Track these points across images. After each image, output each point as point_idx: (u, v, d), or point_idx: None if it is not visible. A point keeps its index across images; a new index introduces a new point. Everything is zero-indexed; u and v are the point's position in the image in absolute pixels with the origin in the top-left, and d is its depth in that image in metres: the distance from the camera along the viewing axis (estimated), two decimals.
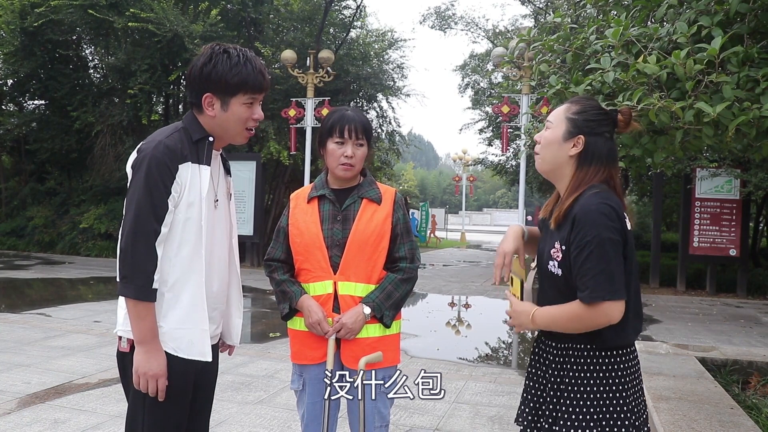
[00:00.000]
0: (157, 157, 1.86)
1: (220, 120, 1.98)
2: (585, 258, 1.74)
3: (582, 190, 1.84)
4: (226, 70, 1.92)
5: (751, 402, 3.69)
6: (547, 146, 1.93)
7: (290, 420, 4.14)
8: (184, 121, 2.02)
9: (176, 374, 1.92)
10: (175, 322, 1.92)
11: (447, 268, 16.81)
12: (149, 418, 1.91)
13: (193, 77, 1.97)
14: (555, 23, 3.42)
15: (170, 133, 1.94)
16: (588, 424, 1.79)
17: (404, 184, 41.94)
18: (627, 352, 1.85)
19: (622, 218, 1.79)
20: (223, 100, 1.96)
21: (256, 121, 2.03)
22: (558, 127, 1.92)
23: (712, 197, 12.16)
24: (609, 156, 1.89)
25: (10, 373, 5.10)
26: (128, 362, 1.95)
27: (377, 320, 2.40)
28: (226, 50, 1.95)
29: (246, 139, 2.07)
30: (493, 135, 21.60)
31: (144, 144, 1.94)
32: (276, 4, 15.98)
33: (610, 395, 1.80)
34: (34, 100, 18.67)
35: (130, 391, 1.96)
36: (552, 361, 1.91)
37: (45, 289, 10.59)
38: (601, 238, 1.72)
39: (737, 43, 2.41)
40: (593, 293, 1.71)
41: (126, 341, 1.95)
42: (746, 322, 9.06)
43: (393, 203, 2.48)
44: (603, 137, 1.89)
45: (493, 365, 6.31)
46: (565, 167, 1.91)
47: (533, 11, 18.57)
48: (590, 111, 1.90)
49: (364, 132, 2.43)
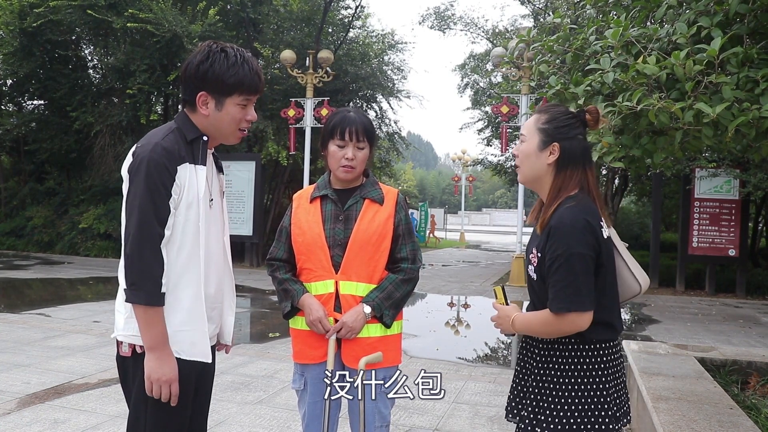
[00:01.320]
0: (155, 160, 1.84)
1: (213, 119, 1.96)
2: (555, 270, 1.84)
3: (561, 199, 1.92)
4: (223, 70, 1.90)
5: (750, 402, 3.69)
6: (525, 159, 2.00)
7: (290, 420, 4.14)
8: (177, 121, 1.99)
9: (179, 376, 1.91)
10: (177, 324, 1.91)
11: (446, 268, 16.81)
12: (151, 422, 1.90)
13: (189, 75, 1.93)
14: (554, 24, 3.43)
15: (165, 135, 1.91)
16: (571, 413, 1.87)
17: (403, 184, 41.94)
18: (609, 345, 1.93)
19: (596, 229, 1.86)
20: (217, 100, 1.94)
21: (249, 122, 2.01)
22: (531, 139, 1.98)
23: (712, 197, 12.17)
24: (584, 156, 1.97)
25: (10, 373, 5.10)
26: (129, 366, 1.94)
27: (377, 320, 2.40)
28: (223, 49, 1.93)
29: (238, 139, 2.06)
30: (492, 135, 21.61)
31: (139, 147, 1.90)
32: (275, 4, 15.97)
33: (592, 387, 1.88)
34: (34, 100, 18.66)
35: (131, 394, 1.94)
36: (537, 354, 1.99)
37: (44, 289, 10.59)
38: (570, 253, 1.81)
39: (737, 44, 2.41)
40: (559, 304, 1.83)
41: (127, 346, 1.93)
42: (745, 323, 9.07)
43: (395, 204, 2.48)
44: (576, 140, 1.96)
45: (493, 365, 6.32)
46: (545, 176, 1.98)
47: (533, 11, 18.56)
48: (560, 117, 1.97)
49: (365, 134, 2.43)
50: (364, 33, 19.09)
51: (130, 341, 1.92)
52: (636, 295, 2.07)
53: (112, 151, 16.26)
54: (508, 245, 26.95)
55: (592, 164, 2.01)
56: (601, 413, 1.86)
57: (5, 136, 18.53)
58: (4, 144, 19.12)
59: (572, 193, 1.92)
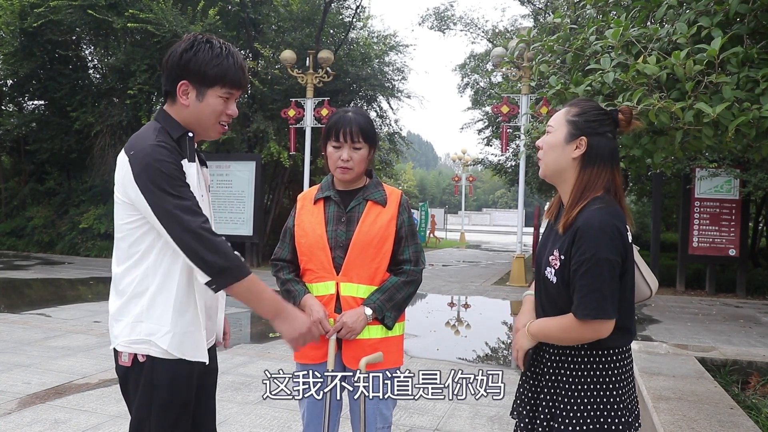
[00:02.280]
0: (162, 160, 1.80)
1: (193, 110, 1.92)
2: (581, 275, 1.77)
3: (587, 200, 1.84)
4: (207, 60, 1.87)
5: (751, 402, 3.69)
6: (550, 150, 1.93)
7: (290, 420, 4.14)
8: (159, 120, 1.93)
9: (183, 379, 1.90)
10: (186, 324, 1.90)
11: (446, 268, 16.81)
12: (156, 429, 1.88)
13: (172, 63, 1.89)
14: (555, 24, 3.43)
15: (155, 134, 1.86)
16: (585, 421, 1.83)
17: (403, 184, 41.91)
18: (622, 351, 1.89)
19: (624, 234, 1.81)
20: (199, 90, 1.90)
21: (230, 116, 1.97)
22: (559, 131, 1.92)
23: (712, 197, 12.17)
24: (611, 156, 1.90)
25: (11, 373, 5.11)
26: (130, 376, 1.91)
27: (379, 322, 2.40)
28: (209, 40, 1.91)
29: (219, 134, 2.01)
30: (492, 135, 21.61)
31: (133, 153, 1.82)
32: (275, 4, 15.98)
33: (606, 393, 1.84)
34: (34, 100, 18.65)
35: (133, 404, 1.91)
36: (549, 359, 1.93)
37: (45, 290, 10.59)
38: (599, 258, 1.75)
39: (737, 44, 2.41)
40: (585, 310, 1.77)
41: (128, 356, 1.89)
42: (746, 322, 9.06)
43: (398, 206, 2.47)
44: (605, 137, 1.89)
45: (493, 365, 6.32)
46: (569, 170, 1.91)
47: (533, 11, 18.58)
48: (590, 112, 1.90)
49: (361, 134, 2.40)
50: (365, 34, 19.09)
51: (130, 350, 1.88)
52: (646, 299, 2.03)
53: (112, 152, 16.23)
54: (509, 245, 26.95)
55: (619, 166, 1.94)
56: (615, 420, 1.83)
57: (5, 136, 18.54)
58: (5, 144, 19.12)
59: (598, 194, 1.85)
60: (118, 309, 1.92)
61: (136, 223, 1.87)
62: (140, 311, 1.88)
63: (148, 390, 1.88)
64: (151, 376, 1.88)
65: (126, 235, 1.90)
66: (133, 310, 1.88)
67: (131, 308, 1.89)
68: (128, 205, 1.87)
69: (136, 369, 1.89)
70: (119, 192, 1.88)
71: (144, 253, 1.88)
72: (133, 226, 1.88)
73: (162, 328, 1.87)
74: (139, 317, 1.88)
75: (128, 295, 1.89)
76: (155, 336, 1.87)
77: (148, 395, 1.88)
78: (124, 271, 1.91)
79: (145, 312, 1.88)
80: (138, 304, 1.88)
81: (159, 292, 1.88)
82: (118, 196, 1.89)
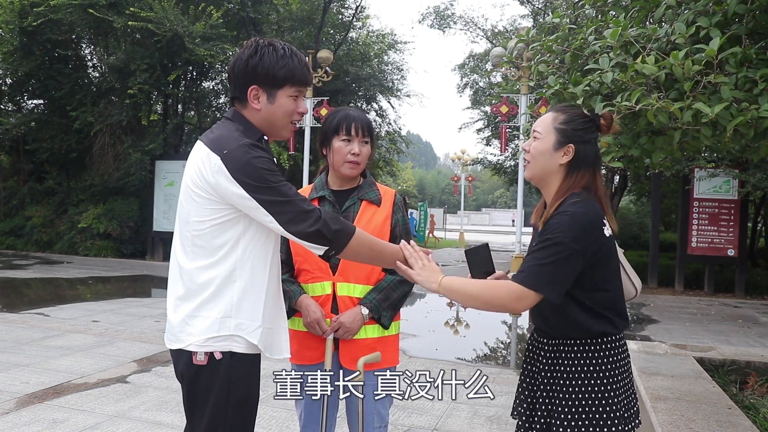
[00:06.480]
0: (260, 157, 1.82)
1: (266, 113, 1.94)
2: (535, 249, 1.85)
3: (565, 197, 1.91)
4: (273, 62, 1.89)
5: (749, 402, 3.69)
6: (538, 156, 1.98)
7: (289, 420, 4.14)
8: (236, 121, 1.95)
9: (256, 376, 1.91)
10: (276, 320, 1.97)
11: (445, 268, 16.81)
12: (232, 429, 1.86)
13: (239, 70, 1.92)
14: (554, 23, 3.43)
15: (239, 134, 1.88)
16: (581, 417, 1.86)
17: (403, 184, 41.94)
18: (615, 346, 1.92)
19: (597, 227, 1.85)
20: (269, 93, 1.92)
21: (301, 114, 2.00)
22: (548, 138, 1.96)
23: (711, 197, 12.17)
24: (595, 160, 1.97)
25: (9, 372, 5.10)
26: (203, 376, 1.85)
27: (375, 321, 2.40)
28: (271, 43, 1.93)
29: (291, 133, 2.05)
30: (491, 134, 21.61)
31: (228, 151, 1.83)
32: (275, 3, 15.99)
33: (600, 388, 1.87)
34: (33, 99, 18.63)
35: (206, 405, 1.86)
36: (544, 356, 1.98)
37: (43, 289, 10.59)
38: (559, 242, 1.80)
39: (735, 44, 2.41)
40: (521, 275, 1.84)
41: (203, 354, 1.84)
42: (744, 322, 9.07)
43: (393, 205, 2.48)
44: (591, 144, 1.96)
45: (492, 365, 6.32)
46: (555, 175, 1.97)
47: (532, 11, 18.59)
48: (577, 120, 1.95)
49: (368, 130, 2.44)
50: (364, 33, 19.10)
51: (208, 348, 1.84)
52: (632, 298, 2.08)
53: (111, 151, 16.24)
54: (508, 245, 26.95)
55: (600, 167, 2.01)
56: (610, 414, 1.85)
57: (5, 135, 18.51)
58: (4, 143, 19.09)
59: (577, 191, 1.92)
60: (195, 307, 1.87)
61: (221, 219, 1.86)
62: (228, 306, 1.85)
63: (225, 389, 1.84)
64: (228, 374, 1.85)
65: (207, 232, 1.87)
66: (219, 306, 1.85)
67: (217, 304, 1.86)
68: (213, 202, 1.85)
69: (211, 367, 1.85)
70: (200, 190, 1.86)
71: (231, 248, 1.87)
72: (219, 222, 1.86)
73: (253, 323, 1.87)
74: (227, 312, 1.85)
75: (211, 292, 1.86)
76: (245, 331, 1.86)
77: (225, 394, 1.84)
78: (205, 267, 1.87)
79: (235, 307, 1.86)
80: (225, 299, 1.86)
81: (249, 287, 1.87)
82: (198, 193, 1.86)
